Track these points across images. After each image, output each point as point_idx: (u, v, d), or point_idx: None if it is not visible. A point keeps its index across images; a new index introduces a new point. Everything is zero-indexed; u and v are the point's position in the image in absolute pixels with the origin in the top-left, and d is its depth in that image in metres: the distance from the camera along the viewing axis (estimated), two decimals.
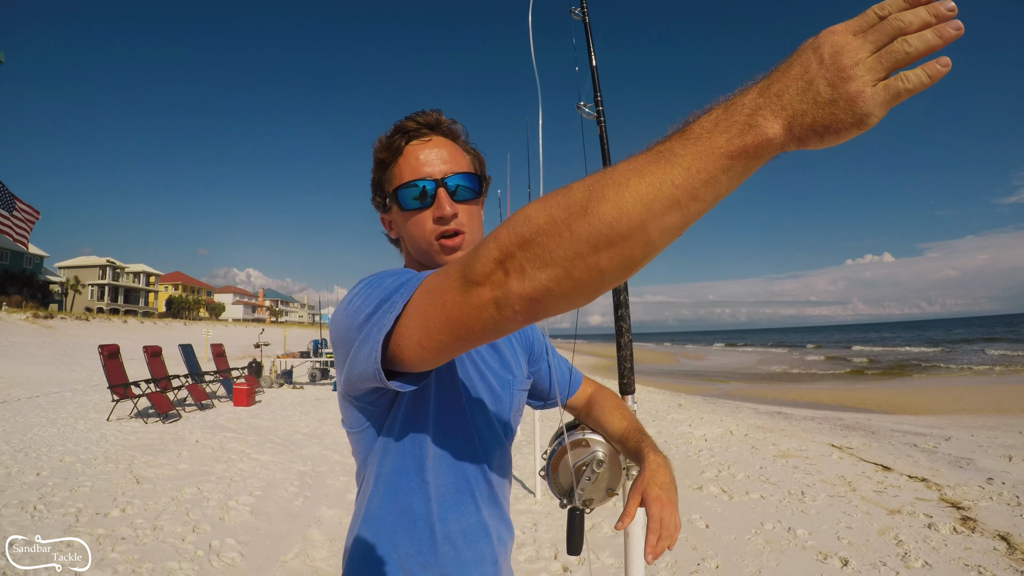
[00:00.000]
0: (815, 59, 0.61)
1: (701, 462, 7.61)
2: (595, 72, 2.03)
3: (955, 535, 4.83)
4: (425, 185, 1.22)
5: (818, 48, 0.62)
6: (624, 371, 1.86)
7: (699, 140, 0.63)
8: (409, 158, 1.24)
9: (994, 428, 10.36)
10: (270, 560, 4.57)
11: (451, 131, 1.30)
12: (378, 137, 1.29)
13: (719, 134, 0.63)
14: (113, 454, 7.70)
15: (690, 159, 0.63)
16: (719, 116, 0.64)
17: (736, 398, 18.36)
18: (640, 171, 0.64)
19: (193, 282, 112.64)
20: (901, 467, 7.12)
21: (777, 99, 0.62)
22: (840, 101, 0.60)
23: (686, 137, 0.64)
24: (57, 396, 13.71)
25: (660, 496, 1.19)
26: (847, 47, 0.61)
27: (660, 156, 0.64)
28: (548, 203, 0.68)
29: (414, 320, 0.87)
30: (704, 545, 4.79)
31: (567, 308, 0.73)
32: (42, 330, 39.16)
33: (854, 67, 0.60)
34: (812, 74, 0.61)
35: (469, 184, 1.26)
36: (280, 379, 17.58)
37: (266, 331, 26.78)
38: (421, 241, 1.24)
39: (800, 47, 0.64)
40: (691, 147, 0.63)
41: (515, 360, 1.42)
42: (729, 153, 0.62)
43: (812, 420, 11.92)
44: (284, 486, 6.50)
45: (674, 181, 0.63)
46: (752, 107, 0.63)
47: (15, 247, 65.53)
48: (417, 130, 1.26)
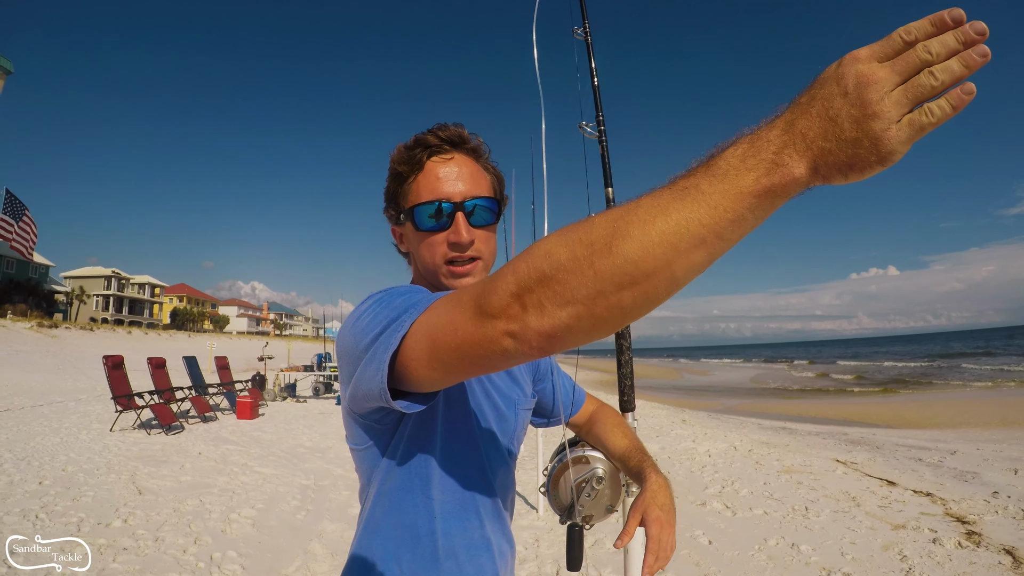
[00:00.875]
0: (839, 92, 0.60)
1: (705, 478, 7.58)
2: (597, 92, 2.03)
3: (960, 550, 4.80)
4: (443, 206, 1.17)
5: (842, 79, 0.60)
6: (624, 388, 1.86)
7: (726, 177, 0.62)
8: (429, 175, 1.20)
9: (1000, 441, 10.32)
10: (271, 573, 4.56)
11: (474, 150, 1.26)
12: (397, 147, 1.24)
13: (746, 172, 0.61)
14: (116, 464, 7.70)
15: (718, 197, 0.62)
16: (746, 152, 0.62)
17: (740, 413, 18.29)
18: (666, 209, 0.63)
19: (198, 294, 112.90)
20: (906, 482, 7.08)
21: (802, 138, 0.60)
22: (865, 140, 0.59)
23: (712, 173, 0.63)
24: (60, 406, 13.73)
25: (660, 517, 1.20)
26: (872, 78, 0.59)
27: (686, 193, 0.63)
28: (570, 238, 0.67)
29: (423, 342, 0.86)
30: (707, 561, 4.76)
31: (585, 342, 0.72)
32: (46, 339, 39.24)
33: (879, 102, 0.58)
34: (836, 110, 0.59)
35: (488, 208, 1.22)
36: (284, 392, 17.57)
37: (270, 344, 26.77)
38: (431, 263, 1.20)
39: (823, 75, 0.62)
40: (718, 185, 0.62)
41: (522, 379, 1.41)
42: (756, 192, 0.61)
43: (816, 435, 11.86)
44: (286, 499, 6.49)
45: (701, 220, 0.62)
46: (778, 145, 0.61)
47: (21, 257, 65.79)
48: (439, 146, 1.21)
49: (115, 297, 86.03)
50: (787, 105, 0.63)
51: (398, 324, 0.89)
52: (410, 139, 1.23)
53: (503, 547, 1.30)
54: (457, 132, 1.22)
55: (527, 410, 1.40)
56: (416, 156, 1.20)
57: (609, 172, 1.93)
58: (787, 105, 0.63)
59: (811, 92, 0.61)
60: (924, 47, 0.58)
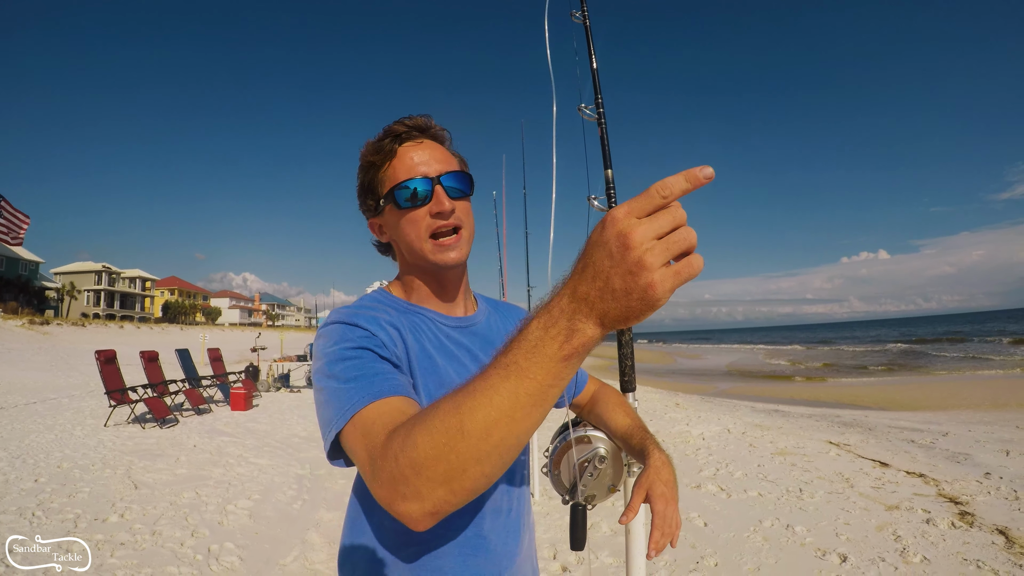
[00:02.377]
0: (606, 255, 0.67)
1: (699, 461, 7.62)
2: (596, 75, 2.04)
3: (953, 530, 4.85)
4: (422, 183, 1.24)
5: (606, 244, 0.67)
6: (625, 369, 1.86)
7: (536, 350, 0.71)
8: (403, 159, 1.26)
9: (991, 423, 10.40)
10: (269, 564, 4.57)
11: (439, 135, 1.34)
12: (366, 142, 1.32)
13: (551, 341, 0.70)
14: (111, 459, 7.68)
15: (534, 370, 0.71)
16: (546, 323, 0.71)
17: (733, 397, 18.38)
18: (497, 389, 0.73)
19: (189, 287, 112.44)
20: (899, 463, 7.14)
21: (586, 302, 0.69)
22: (634, 293, 0.66)
23: (525, 348, 0.72)
24: (54, 402, 13.67)
25: (665, 493, 1.21)
26: (632, 237, 0.65)
27: (509, 371, 0.73)
28: (432, 429, 0.76)
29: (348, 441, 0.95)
30: (703, 543, 4.80)
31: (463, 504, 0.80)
32: (38, 336, 38.99)
33: (641, 259, 0.65)
34: (607, 273, 0.66)
35: (462, 182, 1.29)
36: (277, 383, 17.54)
37: (263, 335, 26.75)
38: (415, 240, 1.25)
39: (592, 240, 0.69)
40: (532, 358, 0.71)
41: None
42: (563, 357, 0.70)
43: (809, 418, 11.93)
44: (282, 490, 6.50)
45: (527, 391, 0.72)
46: (569, 312, 0.70)
47: (11, 253, 65.34)
48: (408, 133, 1.29)
49: (106, 292, 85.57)
50: (569, 272, 0.72)
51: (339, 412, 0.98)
52: (379, 132, 1.31)
53: (508, 545, 1.30)
54: (423, 120, 1.31)
55: None
56: (387, 145, 1.28)
57: (608, 154, 1.93)
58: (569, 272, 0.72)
59: (584, 259, 0.70)
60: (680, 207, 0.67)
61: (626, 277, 0.65)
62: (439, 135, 1.34)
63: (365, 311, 1.18)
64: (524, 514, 1.37)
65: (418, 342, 1.22)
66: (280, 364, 20.04)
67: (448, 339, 1.29)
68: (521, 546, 1.34)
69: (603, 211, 1.91)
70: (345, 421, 0.96)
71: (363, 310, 1.19)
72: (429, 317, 1.30)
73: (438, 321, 1.30)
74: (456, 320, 1.34)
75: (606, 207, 1.91)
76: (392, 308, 1.28)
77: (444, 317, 1.32)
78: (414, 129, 1.29)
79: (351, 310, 1.18)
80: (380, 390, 0.98)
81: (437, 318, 1.31)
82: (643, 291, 0.65)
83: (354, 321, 1.13)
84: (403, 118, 1.30)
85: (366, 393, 0.98)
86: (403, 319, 1.24)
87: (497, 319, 1.46)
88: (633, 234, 0.65)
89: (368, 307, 1.22)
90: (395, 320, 1.20)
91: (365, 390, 0.98)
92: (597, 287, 0.68)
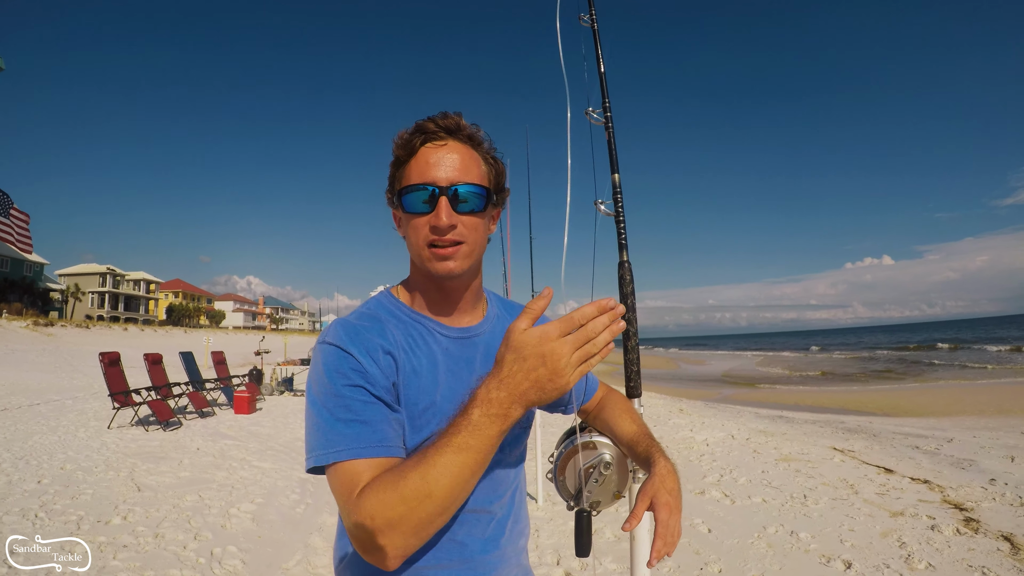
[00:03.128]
0: (540, 363, 0.96)
1: (703, 467, 7.60)
2: (603, 78, 2.03)
3: (958, 536, 4.83)
4: (429, 190, 1.20)
5: (541, 355, 0.96)
6: (631, 375, 1.85)
7: (478, 431, 0.97)
8: (420, 160, 1.22)
9: (996, 429, 10.37)
10: (272, 567, 4.56)
11: (471, 137, 1.27)
12: (399, 132, 1.26)
13: (490, 424, 0.98)
14: (114, 462, 7.69)
15: (479, 446, 0.98)
16: (487, 411, 0.98)
17: (737, 403, 18.35)
18: (454, 462, 0.97)
19: (193, 290, 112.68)
20: (903, 469, 7.12)
21: (519, 396, 0.97)
22: (554, 387, 0.97)
23: (470, 431, 0.98)
24: (58, 404, 13.69)
25: (669, 502, 1.20)
26: (558, 351, 0.96)
27: (461, 449, 0.97)
28: (405, 497, 0.96)
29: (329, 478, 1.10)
30: (707, 549, 4.78)
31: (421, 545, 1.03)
32: (42, 338, 39.10)
33: (564, 367, 0.96)
34: (539, 375, 0.96)
35: (475, 194, 1.23)
36: (281, 386, 17.55)
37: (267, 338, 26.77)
38: (415, 246, 1.23)
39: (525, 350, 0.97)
40: (478, 438, 0.97)
41: None
42: (498, 435, 0.99)
43: (814, 424, 11.90)
44: (286, 493, 6.49)
45: (475, 461, 0.99)
46: (507, 403, 0.97)
47: (15, 255, 65.50)
48: (435, 132, 1.23)
49: (110, 294, 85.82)
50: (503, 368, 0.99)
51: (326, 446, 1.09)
52: (413, 125, 1.25)
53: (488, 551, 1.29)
54: (455, 120, 1.24)
55: None
56: (412, 141, 1.23)
57: (616, 158, 1.93)
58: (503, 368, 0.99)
59: (519, 363, 0.97)
60: (592, 327, 0.97)
61: (552, 377, 0.96)
62: (470, 137, 1.26)
63: (364, 332, 1.19)
64: (510, 521, 1.36)
65: (412, 361, 1.21)
66: (284, 368, 20.05)
67: (446, 353, 1.27)
68: (504, 553, 1.33)
69: (610, 215, 1.90)
70: (327, 462, 1.09)
71: (362, 330, 1.19)
72: (430, 328, 1.28)
73: (438, 332, 1.29)
74: (458, 331, 1.31)
75: (612, 211, 1.90)
76: (395, 317, 1.27)
77: (446, 328, 1.30)
78: (443, 129, 1.23)
79: (350, 330, 1.19)
80: (364, 445, 1.09)
81: (438, 329, 1.29)
82: (560, 387, 0.97)
83: (348, 349, 1.15)
84: (436, 115, 1.24)
85: (352, 444, 1.08)
86: (403, 331, 1.24)
87: (507, 324, 1.39)
88: (561, 350, 0.96)
89: (367, 324, 1.22)
90: (394, 337, 1.21)
91: (352, 440, 1.09)
92: (529, 384, 0.97)
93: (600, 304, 0.98)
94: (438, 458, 0.97)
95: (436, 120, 1.23)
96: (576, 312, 0.97)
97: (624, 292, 1.86)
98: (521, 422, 1.36)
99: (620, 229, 1.89)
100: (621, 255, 1.90)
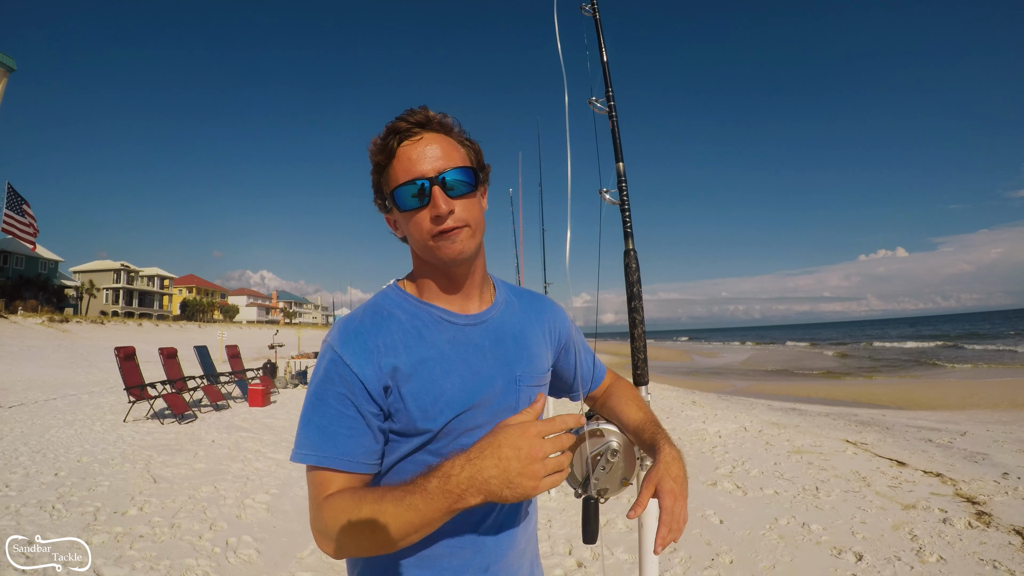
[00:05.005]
0: (514, 454, 0.98)
1: (715, 458, 7.60)
2: (606, 68, 2.04)
3: (970, 530, 4.81)
4: (420, 184, 1.21)
5: (518, 448, 0.99)
6: (638, 362, 1.86)
7: (432, 502, 1.00)
8: (402, 159, 1.24)
9: (1010, 423, 10.30)
10: (286, 557, 4.61)
11: (443, 125, 1.29)
12: (372, 140, 1.29)
13: (443, 498, 0.99)
14: (130, 454, 7.78)
15: (428, 513, 1.00)
16: (443, 485, 1.00)
17: (750, 395, 18.28)
18: (401, 517, 1.01)
19: (207, 285, 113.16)
20: (916, 462, 7.09)
21: (483, 484, 0.98)
22: (520, 488, 0.98)
23: (424, 497, 1.00)
24: (74, 398, 13.82)
25: (673, 489, 1.21)
26: (536, 448, 0.99)
27: (410, 509, 1.00)
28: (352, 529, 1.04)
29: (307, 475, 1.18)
30: (718, 540, 4.79)
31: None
32: (58, 334, 39.40)
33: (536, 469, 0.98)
34: (508, 466, 0.98)
35: (463, 177, 1.25)
36: (295, 379, 17.65)
37: (280, 332, 26.84)
38: (419, 240, 1.25)
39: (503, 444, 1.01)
40: (429, 506, 1.00)
41: (538, 351, 1.40)
42: (446, 511, 1.01)
43: (826, 416, 11.86)
44: (300, 484, 6.54)
45: (421, 523, 1.01)
46: (465, 485, 0.99)
47: (31, 252, 66.00)
48: (408, 130, 1.25)
49: (125, 290, 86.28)
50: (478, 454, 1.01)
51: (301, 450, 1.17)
52: (383, 130, 1.27)
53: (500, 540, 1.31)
54: (423, 113, 1.26)
55: (535, 386, 1.38)
56: (388, 144, 1.25)
57: (620, 147, 1.94)
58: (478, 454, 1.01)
59: (492, 449, 1.01)
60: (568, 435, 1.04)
61: (521, 472, 0.97)
62: (442, 125, 1.28)
63: (363, 333, 1.21)
64: (521, 508, 1.36)
65: (420, 351, 1.22)
66: (297, 361, 20.15)
67: (454, 341, 1.27)
68: (515, 539, 1.34)
69: (615, 204, 1.92)
70: (305, 462, 1.16)
71: (362, 331, 1.22)
72: (438, 316, 1.29)
73: (447, 320, 1.29)
74: (468, 318, 1.31)
75: (617, 200, 1.91)
76: (402, 308, 1.28)
77: (455, 316, 1.30)
78: (415, 124, 1.25)
79: (348, 331, 1.22)
80: (330, 456, 1.15)
81: (446, 316, 1.29)
82: (526, 489, 0.98)
83: (342, 353, 1.18)
84: (404, 113, 1.26)
85: (317, 451, 1.15)
86: (411, 322, 1.26)
87: (516, 310, 1.43)
88: (538, 448, 0.99)
89: (369, 322, 1.24)
90: (397, 332, 1.24)
91: (318, 448, 1.16)
92: (495, 472, 0.98)
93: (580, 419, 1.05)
94: (390, 506, 1.02)
95: (406, 118, 1.25)
96: (559, 417, 1.03)
97: (630, 280, 1.87)
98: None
99: (625, 217, 1.90)
100: (627, 243, 1.91)
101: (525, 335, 1.39)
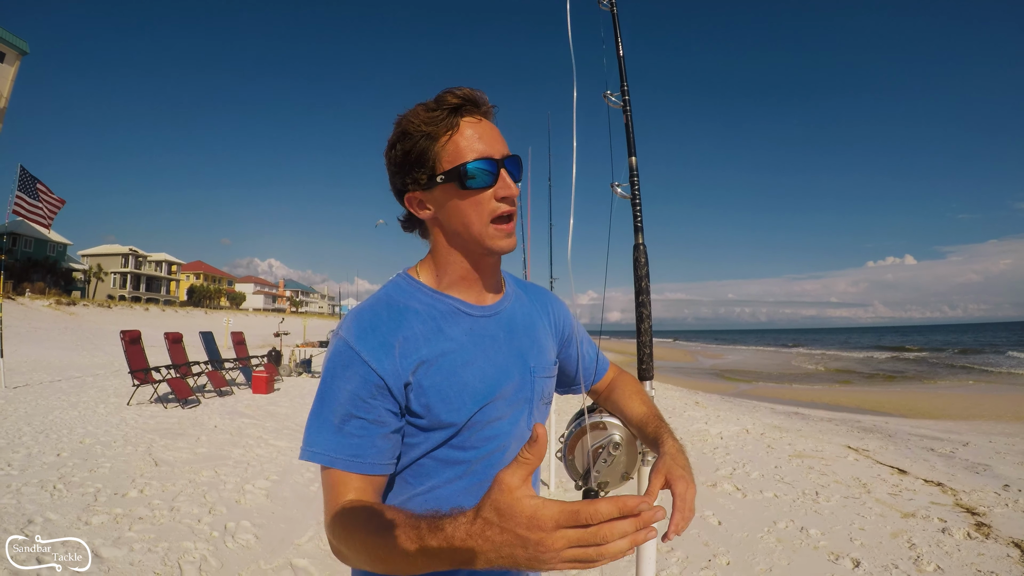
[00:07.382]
0: (519, 544, 0.75)
1: (716, 460, 7.59)
2: (622, 62, 2.03)
3: (969, 540, 4.80)
4: (490, 164, 1.17)
5: (524, 541, 0.75)
6: (643, 357, 1.86)
7: (426, 550, 0.85)
8: (466, 134, 1.18)
9: (1012, 435, 10.25)
10: (284, 543, 4.62)
11: (491, 112, 1.25)
12: (415, 110, 1.21)
13: (438, 555, 0.84)
14: (132, 437, 7.82)
15: (415, 557, 0.86)
16: (443, 543, 0.82)
17: (753, 397, 18.24)
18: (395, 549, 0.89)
19: (214, 271, 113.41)
20: (917, 471, 7.07)
21: (483, 559, 0.79)
22: (529, 571, 0.85)
23: (421, 542, 0.85)
24: (78, 380, 13.90)
25: (684, 476, 1.17)
26: (546, 545, 0.74)
27: (408, 541, 0.88)
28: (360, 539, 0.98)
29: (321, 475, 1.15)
30: (716, 542, 4.79)
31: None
32: (65, 316, 39.61)
33: (547, 561, 0.75)
34: (513, 553, 0.76)
35: (518, 168, 1.24)
36: (299, 368, 17.72)
37: (286, 321, 26.93)
38: (476, 223, 1.19)
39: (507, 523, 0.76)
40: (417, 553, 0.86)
41: (547, 344, 1.40)
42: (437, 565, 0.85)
43: (829, 421, 11.83)
44: (300, 471, 6.57)
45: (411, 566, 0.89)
46: (465, 557, 0.81)
47: (39, 235, 66.27)
48: (465, 106, 1.19)
49: (132, 274, 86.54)
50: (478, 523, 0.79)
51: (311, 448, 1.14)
52: (431, 101, 1.20)
53: None
54: (481, 95, 1.21)
55: (546, 378, 1.37)
56: (446, 116, 1.18)
57: (633, 142, 1.93)
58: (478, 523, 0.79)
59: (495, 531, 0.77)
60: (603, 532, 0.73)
61: (529, 564, 0.76)
62: (491, 112, 1.25)
63: (380, 326, 1.17)
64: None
65: (439, 344, 1.19)
66: (302, 349, 20.23)
67: (471, 332, 1.25)
68: None
69: (626, 198, 1.91)
70: (318, 461, 1.13)
71: (378, 324, 1.18)
72: (455, 308, 1.25)
73: (464, 312, 1.26)
74: (483, 309, 1.29)
75: (629, 194, 1.91)
76: (416, 300, 1.24)
77: (471, 307, 1.27)
78: (471, 103, 1.19)
79: (364, 324, 1.18)
80: (351, 458, 1.11)
81: (464, 308, 1.26)
82: (536, 571, 0.80)
83: (357, 348, 1.14)
84: (453, 88, 1.19)
85: (343, 455, 1.11)
86: (427, 313, 1.22)
87: (525, 302, 1.41)
88: (550, 545, 0.73)
89: (385, 315, 1.20)
90: (414, 325, 1.20)
91: (344, 450, 1.11)
92: (495, 555, 0.78)
93: (623, 505, 0.73)
94: (391, 538, 0.92)
95: (458, 94, 1.19)
96: (585, 509, 0.73)
97: (639, 275, 1.87)
98: (544, 397, 1.36)
99: (636, 212, 1.90)
100: (637, 237, 1.91)
101: (535, 327, 1.38)
